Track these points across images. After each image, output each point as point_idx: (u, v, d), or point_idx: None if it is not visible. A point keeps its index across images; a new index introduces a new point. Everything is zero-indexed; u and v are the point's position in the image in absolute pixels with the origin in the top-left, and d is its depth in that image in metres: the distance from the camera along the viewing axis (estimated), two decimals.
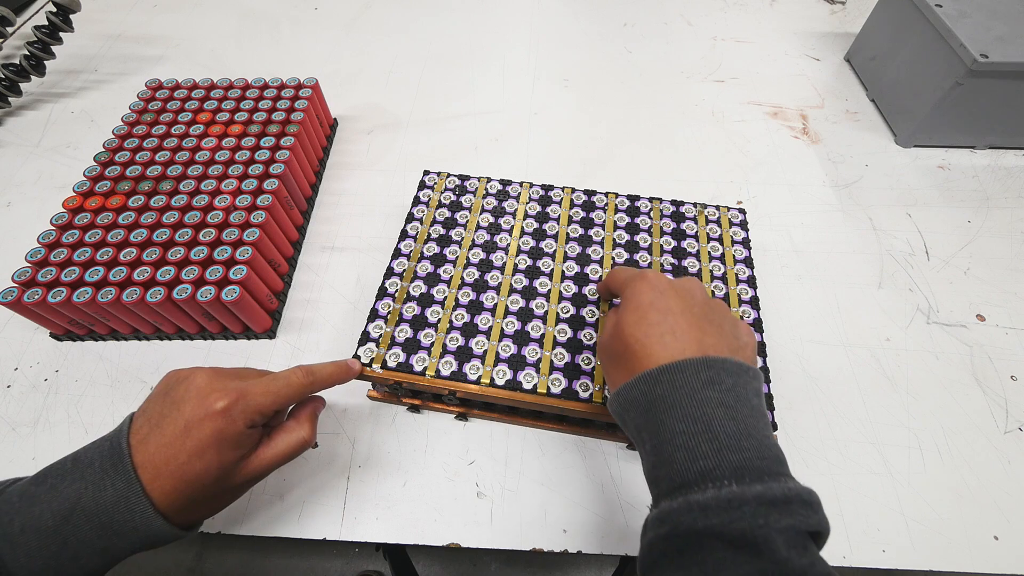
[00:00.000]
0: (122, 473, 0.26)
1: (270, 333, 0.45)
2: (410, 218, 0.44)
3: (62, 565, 0.25)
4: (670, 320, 0.29)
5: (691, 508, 0.23)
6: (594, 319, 0.39)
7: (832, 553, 0.36)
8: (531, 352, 0.37)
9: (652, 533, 0.25)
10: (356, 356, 0.37)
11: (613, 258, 0.42)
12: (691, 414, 0.25)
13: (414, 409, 0.41)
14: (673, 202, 0.46)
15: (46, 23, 0.61)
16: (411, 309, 0.39)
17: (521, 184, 0.47)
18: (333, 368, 0.33)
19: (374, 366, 0.36)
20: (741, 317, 0.39)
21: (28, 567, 0.25)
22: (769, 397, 0.36)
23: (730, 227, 0.45)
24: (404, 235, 0.43)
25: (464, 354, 0.37)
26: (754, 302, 0.40)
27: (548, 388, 0.35)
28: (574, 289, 0.40)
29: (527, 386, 0.35)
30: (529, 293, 0.40)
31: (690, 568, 0.23)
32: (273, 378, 0.30)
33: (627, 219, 0.45)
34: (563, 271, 0.41)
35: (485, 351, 0.37)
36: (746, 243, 0.44)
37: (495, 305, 0.39)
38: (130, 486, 0.26)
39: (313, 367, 0.32)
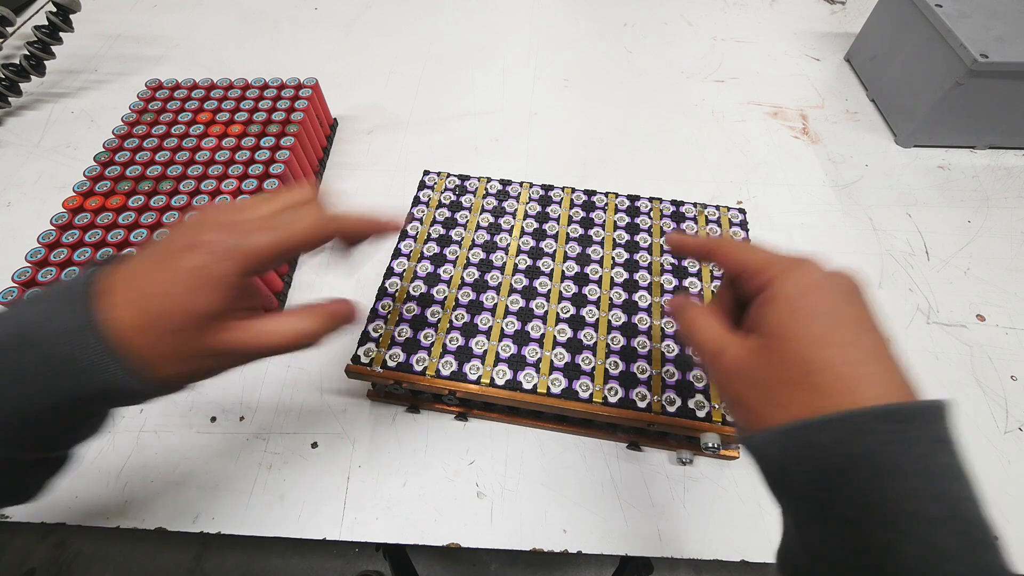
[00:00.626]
0: (74, 301, 0.21)
1: None
2: (410, 218, 0.44)
3: (6, 406, 0.21)
4: (868, 340, 0.21)
5: None
6: (594, 319, 0.39)
7: None
8: (531, 352, 0.37)
9: None
10: (356, 356, 0.37)
11: (613, 258, 0.42)
12: (928, 491, 0.17)
13: (414, 409, 0.41)
14: (673, 202, 0.46)
15: (46, 23, 0.61)
16: (411, 309, 0.39)
17: (521, 184, 0.47)
18: (359, 219, 0.27)
19: (374, 366, 0.36)
20: None
21: None
22: None
23: (730, 227, 0.45)
24: (404, 235, 0.43)
25: (464, 354, 0.37)
26: None
27: (548, 388, 0.35)
28: (574, 289, 0.40)
29: (527, 386, 0.36)
30: (529, 293, 0.40)
31: None
32: (279, 216, 0.24)
33: (627, 219, 0.45)
34: (563, 271, 0.41)
35: (485, 351, 0.37)
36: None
37: (495, 305, 0.39)
38: (79, 315, 0.21)
39: (336, 209, 0.26)
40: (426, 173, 0.48)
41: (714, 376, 0.24)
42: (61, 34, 0.62)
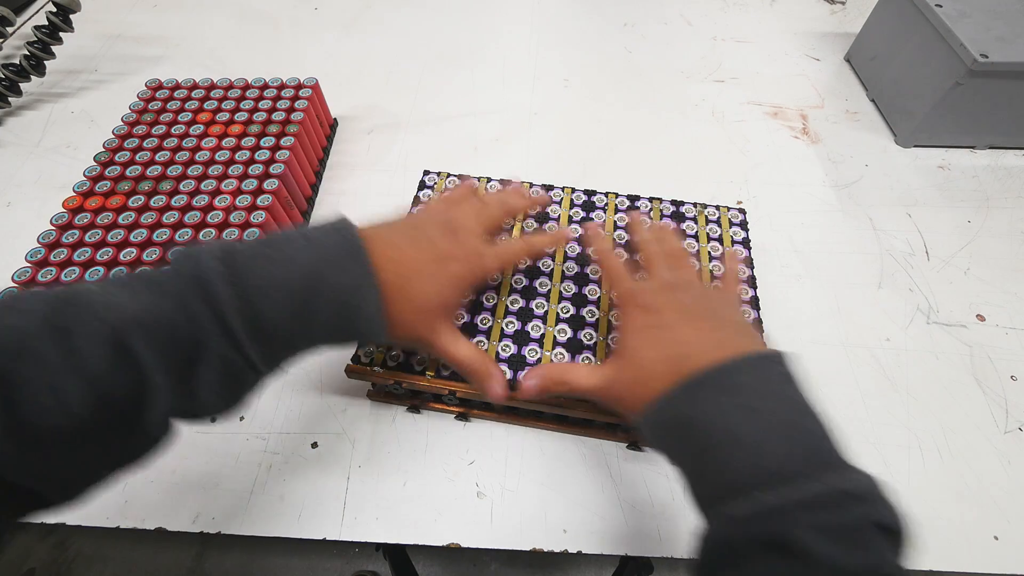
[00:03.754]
0: (361, 265, 0.27)
1: None
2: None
3: (296, 333, 0.26)
4: (668, 334, 0.29)
5: (723, 520, 0.23)
6: (594, 319, 0.39)
7: None
8: (531, 352, 0.37)
9: (700, 549, 0.25)
10: (356, 356, 0.37)
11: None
12: (712, 428, 0.25)
13: (414, 409, 0.41)
14: (673, 202, 0.46)
15: (46, 23, 0.61)
16: None
17: (521, 184, 0.47)
18: (548, 239, 0.38)
19: (374, 366, 0.36)
20: None
21: (276, 326, 0.25)
22: None
23: (730, 227, 0.45)
24: None
25: None
26: (754, 302, 0.40)
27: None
28: (574, 289, 0.40)
29: None
30: (529, 293, 0.40)
31: (731, 573, 0.23)
32: (502, 247, 0.34)
33: (627, 219, 0.45)
34: (563, 271, 0.41)
35: (485, 351, 0.37)
36: (746, 243, 0.44)
37: (495, 305, 0.39)
38: (367, 278, 0.27)
39: (532, 239, 0.36)
40: (426, 173, 0.48)
41: (600, 401, 0.32)
42: (61, 34, 0.62)
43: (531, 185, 0.47)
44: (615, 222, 0.44)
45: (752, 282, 0.41)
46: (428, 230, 0.31)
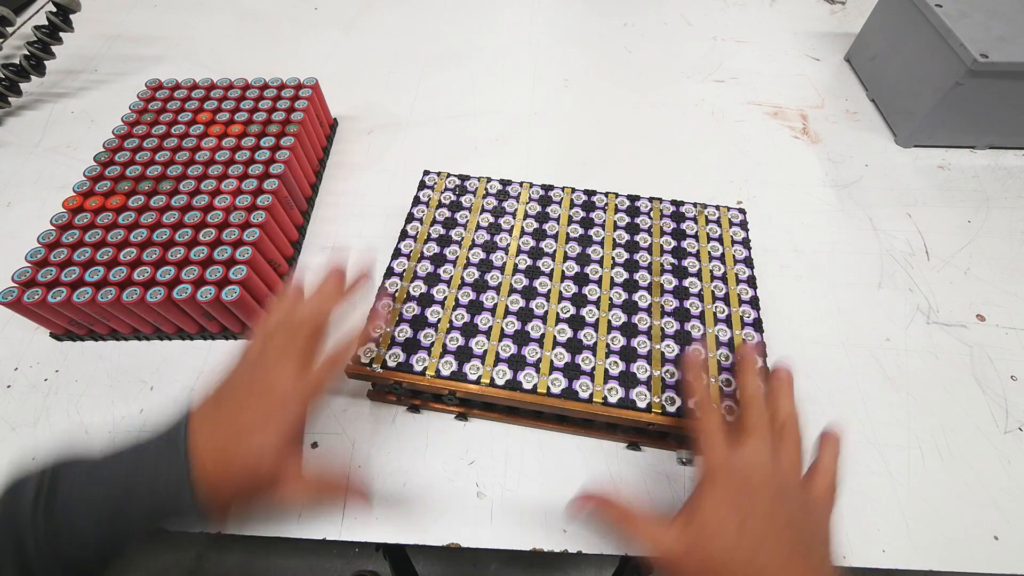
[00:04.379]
0: (177, 466, 0.27)
1: None
2: (410, 218, 0.44)
3: (102, 550, 0.27)
4: (761, 537, 0.26)
5: None
6: (594, 319, 0.39)
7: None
8: (531, 352, 0.37)
9: None
10: (356, 356, 0.37)
11: (613, 258, 0.42)
12: None
13: (414, 409, 0.41)
14: (673, 202, 0.46)
15: (46, 23, 0.61)
16: (411, 309, 0.39)
17: (521, 184, 0.47)
18: (328, 364, 0.33)
19: (374, 366, 0.36)
20: (740, 318, 0.39)
21: (77, 552, 0.26)
22: None
23: (730, 227, 0.45)
24: (404, 235, 0.43)
25: (464, 354, 0.37)
26: (754, 302, 0.40)
27: (548, 388, 0.35)
28: (574, 289, 0.40)
29: (527, 386, 0.35)
30: (529, 293, 0.40)
31: None
32: (311, 381, 0.31)
33: (627, 219, 0.45)
34: (563, 271, 0.41)
35: (485, 351, 0.37)
36: (746, 243, 0.44)
37: (495, 305, 0.39)
38: (182, 479, 0.27)
39: (334, 354, 0.33)
40: (426, 173, 0.48)
41: (654, 564, 0.28)
42: (61, 34, 0.62)
43: (531, 185, 0.47)
44: (615, 222, 0.44)
45: (752, 282, 0.41)
46: (235, 397, 0.30)
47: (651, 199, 0.46)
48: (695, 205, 0.46)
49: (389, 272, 0.41)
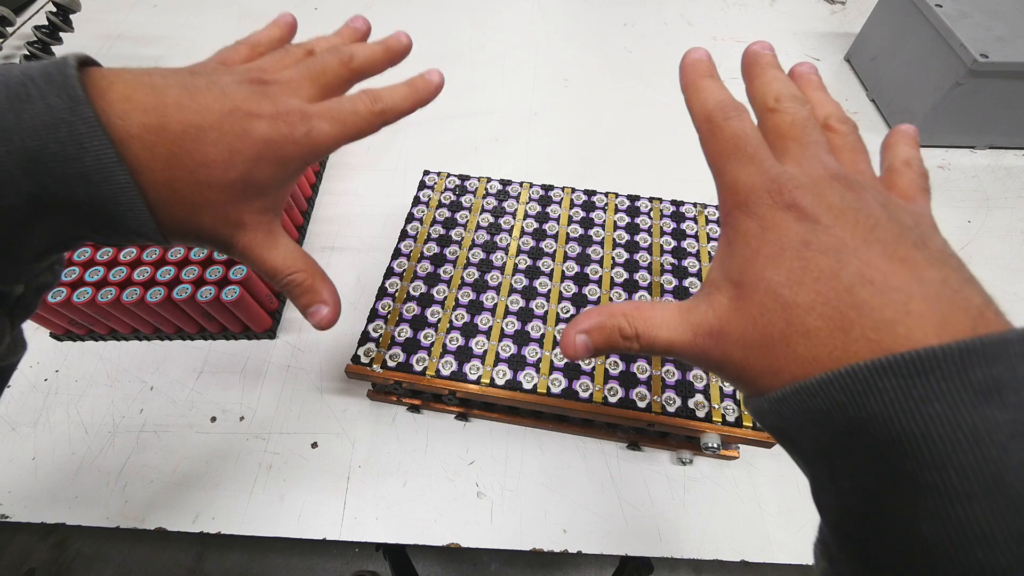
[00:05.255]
0: (68, 90, 0.17)
1: (270, 333, 0.45)
2: (410, 218, 0.44)
3: None
4: (844, 265, 0.16)
5: None
6: None
7: None
8: (531, 352, 0.37)
9: None
10: (356, 356, 0.37)
11: (613, 258, 0.42)
12: (957, 459, 0.13)
13: (414, 409, 0.41)
14: (673, 202, 0.46)
15: (46, 23, 0.61)
16: (411, 309, 0.39)
17: (521, 184, 0.47)
18: (406, 90, 0.26)
19: (374, 366, 0.36)
20: None
21: None
22: None
23: None
24: (404, 235, 0.43)
25: (464, 354, 0.37)
26: None
27: (548, 388, 0.35)
28: (574, 289, 0.40)
29: (527, 386, 0.36)
30: (529, 293, 0.40)
31: None
32: (337, 104, 0.23)
33: (627, 219, 0.45)
34: (563, 271, 0.41)
35: (485, 351, 0.37)
36: None
37: (495, 305, 0.39)
38: (75, 106, 0.17)
39: (380, 92, 0.25)
40: (426, 173, 0.48)
41: (692, 361, 0.20)
42: (61, 34, 0.62)
43: (531, 185, 0.47)
44: (615, 222, 0.44)
45: None
46: (219, 77, 0.22)
47: (651, 199, 0.46)
48: (695, 205, 0.46)
49: (389, 272, 0.41)
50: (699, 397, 0.35)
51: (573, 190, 0.47)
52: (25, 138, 0.17)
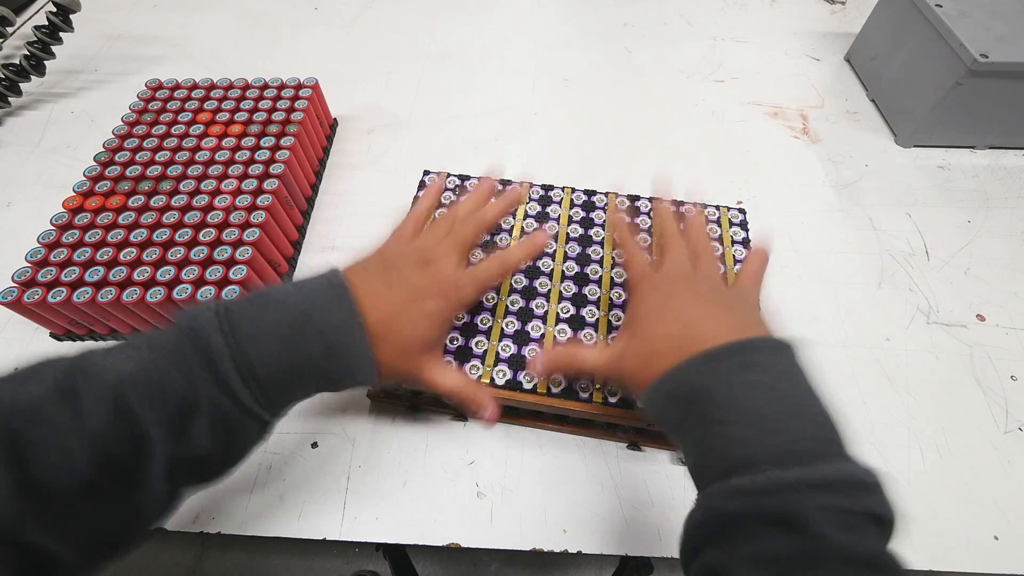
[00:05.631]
0: (347, 306, 0.28)
1: None
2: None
3: (288, 376, 0.27)
4: (681, 314, 0.30)
5: (728, 493, 0.23)
6: (594, 319, 0.39)
7: None
8: (531, 352, 0.37)
9: (690, 521, 0.25)
10: None
11: (613, 258, 0.42)
12: (728, 401, 0.25)
13: (414, 409, 0.41)
14: (673, 202, 0.46)
15: (46, 23, 0.61)
16: None
17: (521, 184, 0.47)
18: (523, 252, 0.35)
19: None
20: None
21: (267, 369, 0.26)
22: None
23: (730, 227, 0.45)
24: None
25: (464, 354, 0.37)
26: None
27: (548, 388, 0.35)
28: (574, 289, 0.40)
29: (527, 386, 0.35)
30: (529, 293, 0.40)
31: (724, 545, 0.23)
32: (476, 271, 0.33)
33: (627, 219, 0.45)
34: (563, 271, 0.41)
35: (485, 351, 0.37)
36: (746, 243, 0.44)
37: (495, 305, 0.39)
38: (353, 318, 0.28)
39: (506, 256, 0.34)
40: (426, 173, 0.48)
41: (607, 379, 0.34)
42: (61, 34, 0.62)
43: (531, 185, 0.47)
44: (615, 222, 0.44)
45: None
46: (401, 268, 0.31)
47: (651, 199, 0.46)
48: (695, 205, 0.46)
49: None
50: None
51: (573, 190, 0.47)
52: (327, 335, 0.27)
